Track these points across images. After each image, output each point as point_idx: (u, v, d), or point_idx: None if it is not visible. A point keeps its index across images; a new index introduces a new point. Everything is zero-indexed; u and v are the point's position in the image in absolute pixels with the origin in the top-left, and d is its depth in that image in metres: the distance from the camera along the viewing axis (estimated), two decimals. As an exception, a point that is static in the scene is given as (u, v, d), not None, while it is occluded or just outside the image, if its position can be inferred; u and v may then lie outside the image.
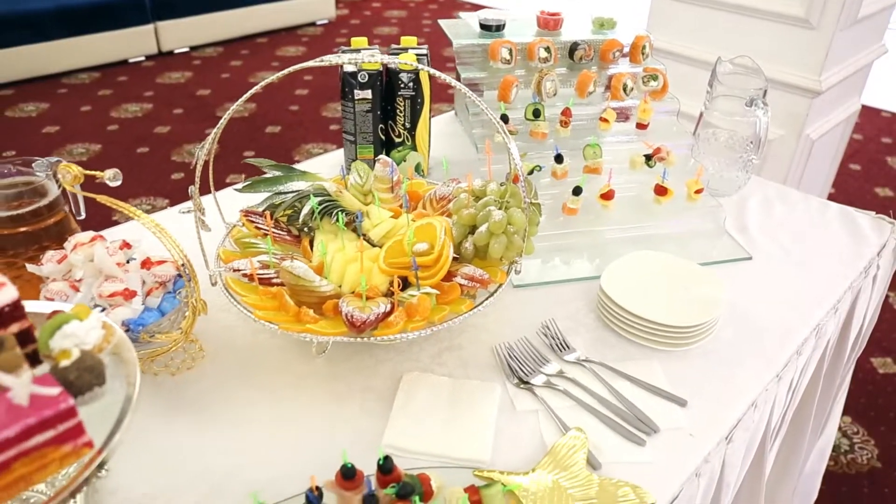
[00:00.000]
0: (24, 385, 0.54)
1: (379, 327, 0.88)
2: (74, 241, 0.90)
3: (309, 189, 1.05)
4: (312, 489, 0.69)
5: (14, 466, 0.54)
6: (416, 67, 0.93)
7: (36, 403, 0.54)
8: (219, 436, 0.86)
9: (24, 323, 0.65)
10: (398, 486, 0.71)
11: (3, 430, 0.52)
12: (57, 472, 0.57)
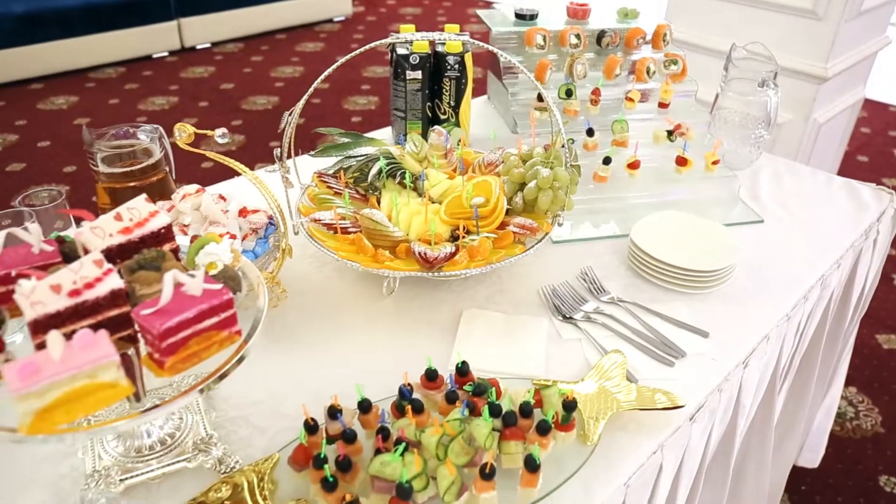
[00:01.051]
0: (198, 281, 0.69)
1: (445, 266, 1.03)
2: (183, 192, 1.05)
3: (376, 153, 1.20)
4: (406, 384, 0.84)
5: (190, 343, 0.68)
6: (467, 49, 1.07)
7: (206, 295, 0.69)
8: (307, 359, 1.01)
9: (174, 244, 0.80)
10: (474, 385, 0.85)
11: (184, 313, 0.67)
12: (217, 353, 0.72)
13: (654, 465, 0.89)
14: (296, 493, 0.78)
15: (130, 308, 0.69)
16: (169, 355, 0.66)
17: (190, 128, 0.97)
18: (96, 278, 0.67)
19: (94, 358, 0.62)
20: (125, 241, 0.75)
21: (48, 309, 0.64)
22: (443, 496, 0.74)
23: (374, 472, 0.74)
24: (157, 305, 0.67)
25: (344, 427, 0.78)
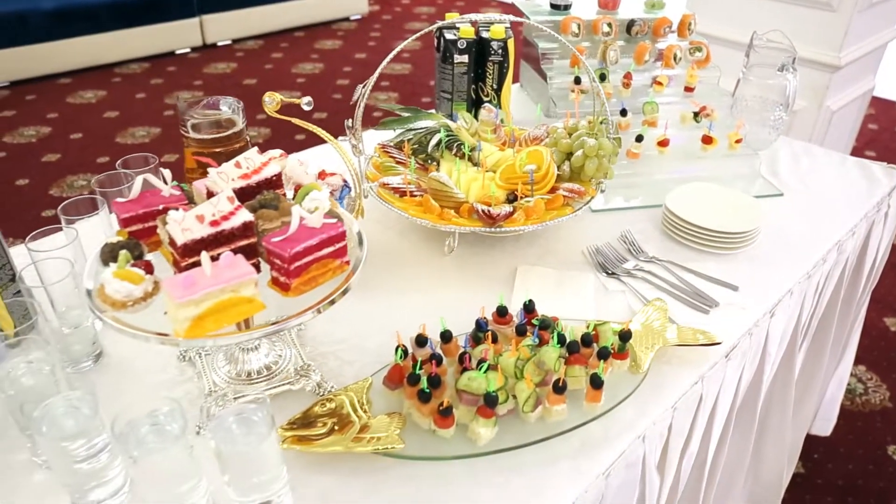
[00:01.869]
0: (318, 215, 0.81)
1: (505, 223, 1.15)
2: (269, 156, 1.17)
3: (435, 126, 1.32)
4: (482, 317, 0.96)
5: (311, 268, 0.81)
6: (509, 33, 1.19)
7: (324, 227, 0.81)
8: (381, 305, 1.13)
9: (282, 190, 0.93)
10: (540, 320, 0.97)
11: (308, 240, 0.79)
12: (331, 279, 0.84)
13: (695, 395, 1.01)
14: (389, 410, 0.90)
15: (256, 239, 0.81)
16: (295, 277, 0.79)
17: (278, 96, 1.09)
18: (230, 212, 0.79)
19: (238, 275, 0.74)
20: (245, 185, 0.87)
21: (195, 235, 0.76)
22: (522, 407, 0.86)
23: (461, 387, 0.86)
24: (285, 234, 0.79)
25: (433, 350, 0.90)
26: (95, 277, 0.84)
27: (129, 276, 0.76)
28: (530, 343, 0.92)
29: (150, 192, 0.89)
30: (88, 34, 4.88)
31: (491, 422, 0.84)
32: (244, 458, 0.72)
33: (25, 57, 4.69)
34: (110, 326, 0.77)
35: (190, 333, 0.73)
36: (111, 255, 0.81)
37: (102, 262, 0.83)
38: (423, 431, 0.87)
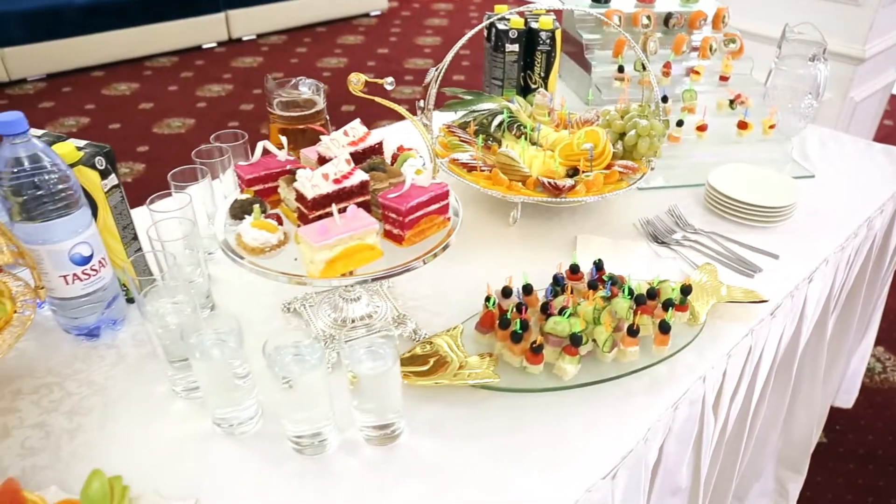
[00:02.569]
0: (427, 175, 0.93)
1: (568, 194, 1.26)
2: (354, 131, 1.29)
3: (497, 108, 1.44)
4: (560, 273, 1.08)
5: (421, 222, 0.93)
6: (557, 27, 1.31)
7: (431, 187, 0.93)
8: (458, 266, 1.25)
9: (384, 155, 1.05)
10: (609, 276, 1.09)
11: (420, 197, 0.91)
12: (435, 233, 0.96)
13: (745, 346, 1.13)
14: (479, 352, 1.02)
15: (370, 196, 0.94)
16: (408, 230, 0.91)
17: (363, 76, 1.21)
18: (349, 172, 0.91)
19: (364, 224, 0.87)
20: (353, 151, 1.00)
21: (322, 191, 0.88)
22: (602, 347, 0.98)
23: (548, 330, 0.98)
24: (399, 191, 0.91)
25: (519, 299, 1.03)
26: (225, 230, 0.96)
27: (265, 225, 0.89)
28: (603, 295, 1.04)
29: (267, 158, 1.01)
30: (120, 28, 5.01)
31: (575, 359, 0.96)
32: (374, 384, 0.84)
33: (60, 50, 4.82)
34: (249, 269, 0.89)
35: (324, 274, 0.85)
36: (241, 210, 0.94)
37: (232, 216, 0.95)
38: (514, 369, 0.99)
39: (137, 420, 0.95)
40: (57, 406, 0.97)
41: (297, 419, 0.86)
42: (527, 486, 0.85)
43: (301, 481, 0.86)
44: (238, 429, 0.91)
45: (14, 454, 0.90)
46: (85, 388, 1.00)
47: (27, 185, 0.92)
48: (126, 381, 1.01)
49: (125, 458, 0.88)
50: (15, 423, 0.94)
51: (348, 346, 0.85)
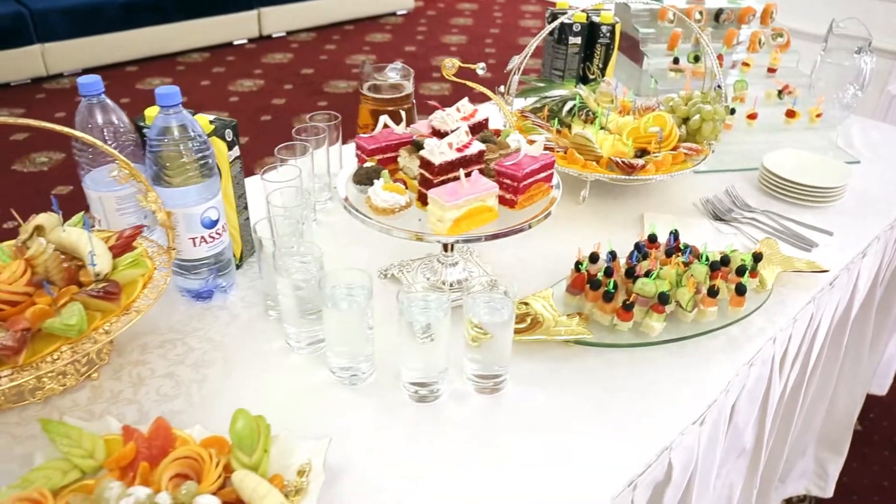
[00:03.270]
0: (539, 146, 1.03)
1: (639, 172, 1.36)
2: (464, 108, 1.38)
3: (568, 94, 1.53)
4: (641, 241, 1.18)
5: (531, 189, 1.02)
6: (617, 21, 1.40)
7: (540, 158, 1.03)
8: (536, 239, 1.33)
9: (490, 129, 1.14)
10: (684, 245, 1.19)
11: (533, 165, 1.01)
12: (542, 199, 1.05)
13: (808, 312, 1.22)
14: (568, 312, 1.12)
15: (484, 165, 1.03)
16: (521, 195, 1.01)
17: (457, 62, 1.31)
18: (468, 142, 1.01)
19: (486, 188, 0.96)
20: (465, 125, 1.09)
21: (447, 158, 0.98)
22: (686, 306, 1.07)
23: (636, 290, 1.07)
24: (514, 160, 1.01)
25: (608, 262, 1.12)
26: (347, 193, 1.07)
27: (395, 188, 0.99)
28: (682, 261, 1.14)
29: (385, 132, 1.11)
30: (154, 25, 5.13)
31: (662, 317, 1.06)
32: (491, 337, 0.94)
33: (97, 46, 4.95)
34: (378, 228, 0.99)
35: (451, 232, 0.95)
36: (367, 177, 1.04)
37: (356, 182, 1.05)
38: (603, 327, 1.09)
39: (256, 372, 1.05)
40: (182, 359, 1.07)
41: (417, 367, 0.96)
42: (624, 430, 0.95)
43: (417, 426, 0.95)
44: (357, 378, 1.00)
45: (151, 400, 1.00)
46: (205, 343, 1.10)
47: (174, 152, 1.02)
48: (241, 339, 1.11)
49: (250, 406, 0.96)
50: (147, 374, 1.04)
51: (471, 298, 0.94)
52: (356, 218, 1.02)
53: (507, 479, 0.87)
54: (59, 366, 0.88)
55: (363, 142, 1.09)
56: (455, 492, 0.86)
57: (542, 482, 0.87)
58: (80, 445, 0.86)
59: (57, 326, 0.89)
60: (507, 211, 1.03)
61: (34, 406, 0.97)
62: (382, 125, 1.11)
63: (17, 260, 0.95)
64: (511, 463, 0.90)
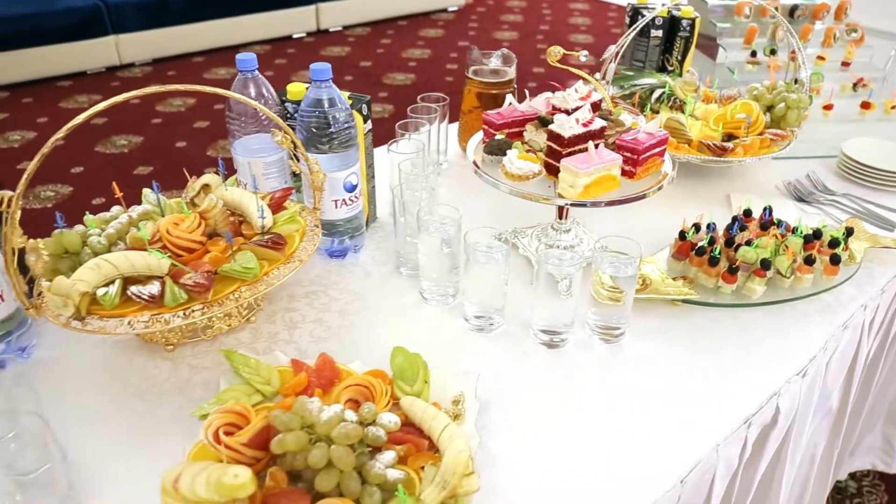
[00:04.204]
0: (656, 123, 1.13)
1: (729, 154, 1.46)
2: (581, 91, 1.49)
3: (656, 83, 1.64)
4: (738, 214, 1.28)
5: (648, 161, 1.13)
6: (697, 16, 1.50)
7: (656, 134, 1.14)
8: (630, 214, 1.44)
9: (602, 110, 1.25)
10: (777, 220, 1.28)
11: (650, 140, 1.12)
12: (655, 172, 1.16)
13: (893, 289, 1.31)
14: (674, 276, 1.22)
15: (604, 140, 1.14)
16: (640, 166, 1.12)
17: (561, 49, 1.42)
18: (591, 119, 1.12)
19: (612, 159, 1.07)
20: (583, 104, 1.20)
21: (575, 132, 1.09)
22: (784, 273, 1.17)
23: (739, 257, 1.18)
24: (633, 135, 1.11)
25: (710, 232, 1.22)
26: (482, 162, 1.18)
27: (529, 157, 1.10)
28: (779, 233, 1.24)
29: (509, 109, 1.23)
30: (219, 18, 5.31)
31: (763, 281, 1.16)
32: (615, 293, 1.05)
33: (165, 38, 5.14)
34: (513, 193, 1.11)
35: (581, 196, 1.07)
36: (497, 148, 1.15)
37: (488, 153, 1.17)
38: (707, 289, 1.19)
39: (396, 320, 1.17)
40: (328, 307, 1.20)
41: (547, 317, 1.07)
42: (737, 375, 1.05)
43: (548, 368, 1.07)
44: (492, 327, 1.12)
45: (306, 341, 1.12)
46: (346, 294, 1.23)
47: (324, 122, 1.15)
48: (377, 292, 1.23)
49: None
50: (299, 319, 1.17)
51: (600, 255, 1.06)
52: (487, 182, 1.14)
53: (630, 416, 0.98)
54: (239, 304, 1.00)
55: (491, 118, 1.21)
56: (584, 423, 0.97)
57: (663, 420, 0.98)
58: (259, 374, 0.99)
59: (236, 270, 1.02)
60: (626, 181, 1.14)
61: (203, 343, 1.11)
62: (508, 103, 1.23)
63: (193, 213, 1.08)
64: (633, 402, 1.01)
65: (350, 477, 0.78)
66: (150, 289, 0.96)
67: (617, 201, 1.09)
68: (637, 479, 0.89)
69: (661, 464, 0.91)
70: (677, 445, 0.94)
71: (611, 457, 0.92)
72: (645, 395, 1.01)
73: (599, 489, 0.88)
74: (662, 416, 0.98)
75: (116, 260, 0.97)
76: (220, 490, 0.74)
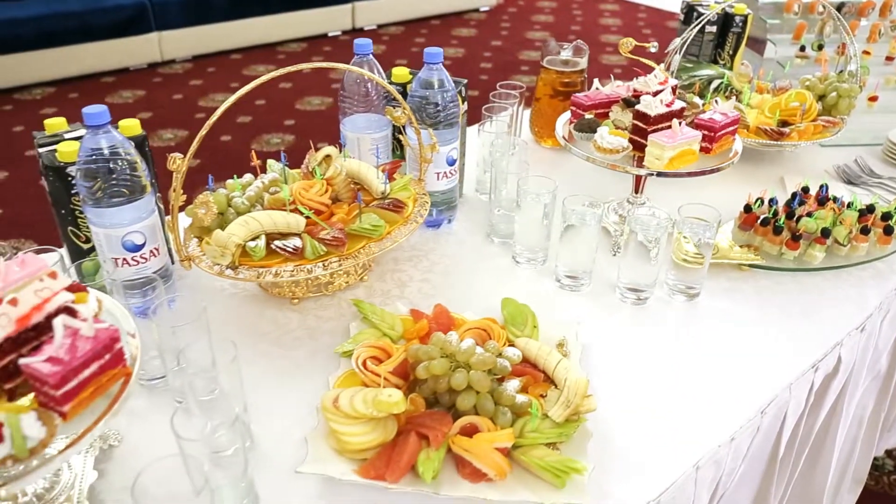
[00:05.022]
0: (729, 105, 1.26)
1: (784, 139, 1.58)
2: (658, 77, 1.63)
3: (714, 74, 1.76)
4: (798, 191, 1.40)
5: (722, 139, 1.26)
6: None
7: (729, 115, 1.27)
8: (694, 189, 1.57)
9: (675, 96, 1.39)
10: (832, 196, 1.41)
11: (725, 119, 1.25)
12: (728, 149, 1.29)
13: (940, 258, 1.44)
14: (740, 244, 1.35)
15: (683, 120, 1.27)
16: (716, 143, 1.25)
17: (633, 41, 1.55)
18: (672, 101, 1.25)
19: (693, 135, 1.21)
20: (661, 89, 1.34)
21: (660, 110, 1.23)
22: (842, 241, 1.30)
23: (801, 226, 1.30)
24: (709, 115, 1.25)
25: (773, 206, 1.35)
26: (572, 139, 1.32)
27: (619, 133, 1.24)
28: (836, 206, 1.36)
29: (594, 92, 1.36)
30: (258, 16, 5.48)
31: (823, 248, 1.28)
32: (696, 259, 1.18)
33: (207, 34, 5.31)
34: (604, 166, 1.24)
35: (667, 167, 1.20)
36: (587, 126, 1.29)
37: (577, 130, 1.30)
38: (771, 256, 1.32)
39: (492, 280, 1.30)
40: (430, 269, 1.33)
41: (632, 277, 1.21)
42: (803, 328, 1.18)
43: (633, 320, 1.20)
44: (580, 286, 1.25)
45: (417, 296, 1.25)
46: (445, 259, 1.36)
47: (432, 103, 1.29)
48: (472, 257, 1.37)
49: (497, 303, 1.20)
50: (406, 279, 1.31)
51: (682, 221, 1.19)
52: (578, 156, 1.27)
53: (712, 358, 1.12)
54: (367, 259, 1.14)
55: (580, 100, 1.34)
56: (671, 362, 1.10)
57: (741, 361, 1.11)
58: (384, 320, 1.12)
59: (365, 228, 1.16)
60: (703, 156, 1.27)
61: (325, 297, 1.25)
62: (595, 87, 1.36)
63: (321, 179, 1.22)
64: (710, 353, 1.14)
65: (486, 398, 0.92)
66: (294, 242, 1.10)
67: (697, 172, 1.23)
68: (723, 408, 1.02)
69: (743, 396, 1.04)
70: (756, 382, 1.07)
71: (698, 390, 1.05)
72: (719, 347, 1.15)
73: (691, 415, 1.01)
74: (740, 358, 1.11)
75: (261, 218, 1.11)
76: (377, 406, 0.88)
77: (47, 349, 0.68)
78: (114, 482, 0.89)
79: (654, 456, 0.95)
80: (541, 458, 0.87)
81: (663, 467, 0.93)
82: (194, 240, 1.17)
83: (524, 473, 0.88)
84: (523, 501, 0.84)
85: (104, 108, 1.03)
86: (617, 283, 1.25)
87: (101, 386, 0.72)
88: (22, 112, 4.48)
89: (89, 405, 0.72)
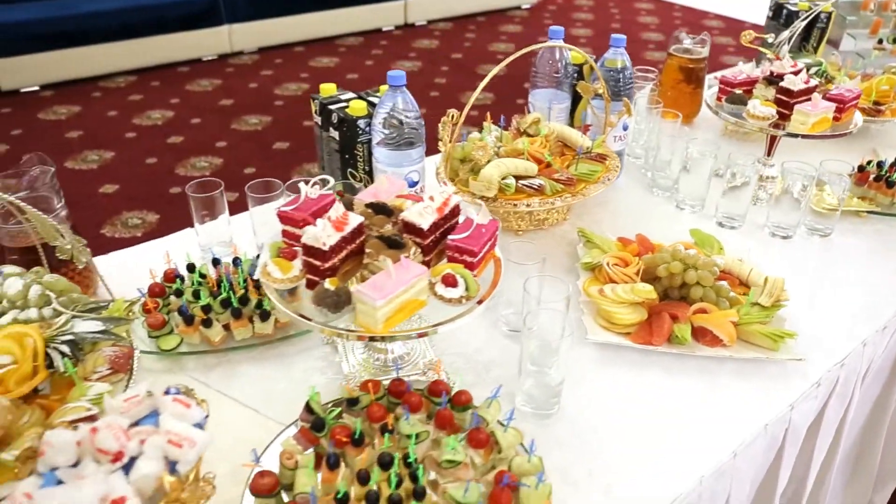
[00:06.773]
0: (856, 82, 1.60)
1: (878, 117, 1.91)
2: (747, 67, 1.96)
3: (812, 62, 2.10)
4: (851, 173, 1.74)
5: (849, 109, 1.60)
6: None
7: (852, 91, 1.60)
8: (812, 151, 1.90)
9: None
10: None
11: (850, 94, 1.58)
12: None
13: None
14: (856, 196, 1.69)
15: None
16: (844, 113, 1.58)
17: (753, 32, 1.88)
18: (808, 79, 1.58)
19: (828, 106, 1.54)
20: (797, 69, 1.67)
21: (801, 87, 1.56)
22: None
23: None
24: (839, 90, 1.58)
25: (882, 166, 1.69)
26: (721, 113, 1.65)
27: (769, 104, 1.57)
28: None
29: (737, 72, 1.69)
30: (317, 10, 5.80)
31: None
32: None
33: (272, 28, 5.64)
34: (754, 130, 1.57)
35: (810, 131, 1.53)
36: (738, 100, 1.62)
37: (729, 102, 1.64)
38: (884, 204, 1.65)
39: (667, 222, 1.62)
40: (615, 213, 1.66)
41: (780, 219, 1.54)
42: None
43: (780, 254, 1.54)
44: (736, 226, 1.58)
45: (611, 232, 1.59)
46: (622, 206, 1.69)
47: (617, 78, 1.62)
48: (642, 206, 1.69)
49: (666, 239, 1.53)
50: (597, 221, 1.63)
51: (822, 173, 1.52)
52: (727, 121, 1.61)
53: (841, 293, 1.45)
54: (588, 196, 1.47)
55: (729, 78, 1.67)
56: (805, 294, 1.44)
57: (868, 293, 1.44)
58: (604, 244, 1.45)
59: (584, 172, 1.48)
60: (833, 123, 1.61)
61: (541, 231, 1.58)
62: (739, 70, 1.70)
63: (543, 136, 1.55)
64: (842, 282, 1.47)
65: (709, 291, 1.25)
66: (537, 181, 1.43)
67: (834, 135, 1.56)
68: (823, 340, 1.35)
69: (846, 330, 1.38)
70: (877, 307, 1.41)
71: (831, 307, 1.39)
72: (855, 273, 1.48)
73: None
74: (871, 287, 1.45)
75: (509, 162, 1.44)
76: (636, 293, 1.22)
77: (460, 231, 1.01)
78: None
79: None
80: (761, 329, 1.20)
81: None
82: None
83: (743, 344, 1.21)
84: (754, 357, 1.17)
85: (402, 73, 1.36)
86: (766, 223, 1.58)
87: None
88: (110, 98, 4.80)
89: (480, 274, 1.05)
